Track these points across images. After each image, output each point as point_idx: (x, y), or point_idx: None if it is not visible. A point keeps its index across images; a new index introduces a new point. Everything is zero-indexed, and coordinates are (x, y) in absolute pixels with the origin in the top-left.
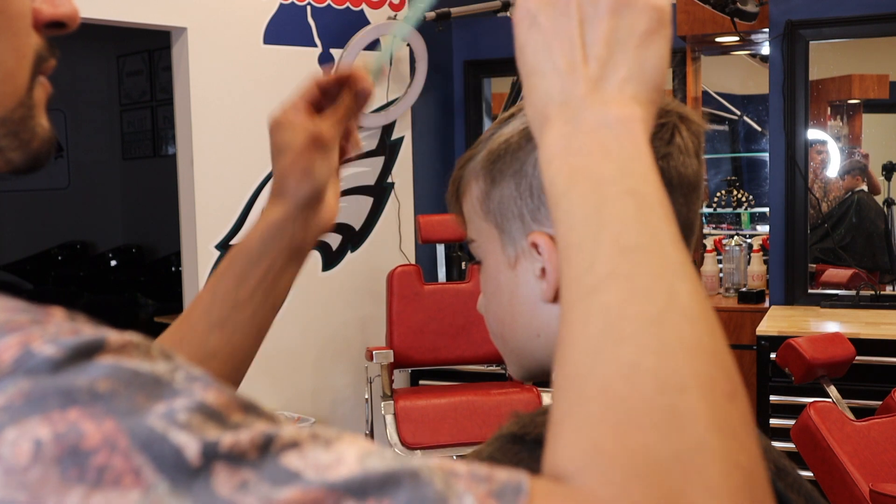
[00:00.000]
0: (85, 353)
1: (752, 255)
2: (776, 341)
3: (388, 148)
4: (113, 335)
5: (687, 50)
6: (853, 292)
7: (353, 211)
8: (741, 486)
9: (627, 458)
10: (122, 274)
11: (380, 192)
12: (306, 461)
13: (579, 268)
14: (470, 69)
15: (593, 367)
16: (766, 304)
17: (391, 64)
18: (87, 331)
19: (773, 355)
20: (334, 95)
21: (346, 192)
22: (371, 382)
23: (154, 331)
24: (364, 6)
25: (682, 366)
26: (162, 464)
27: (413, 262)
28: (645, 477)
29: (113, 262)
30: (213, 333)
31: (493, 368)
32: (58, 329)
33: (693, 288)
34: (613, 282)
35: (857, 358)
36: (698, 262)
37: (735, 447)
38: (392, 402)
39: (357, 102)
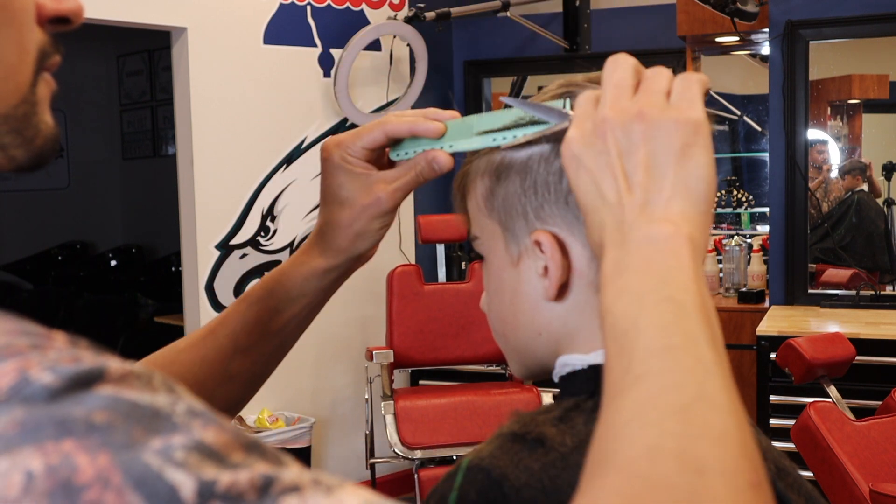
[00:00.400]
0: (84, 382)
1: (752, 255)
2: (776, 341)
3: None
4: (114, 364)
5: (687, 50)
6: (853, 292)
7: None
8: None
9: None
10: (122, 274)
11: None
12: None
13: (618, 373)
14: (470, 69)
15: (618, 449)
16: (766, 304)
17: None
18: (88, 358)
19: (773, 355)
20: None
21: None
22: (371, 382)
23: (154, 331)
24: (364, 6)
25: (705, 451)
26: (156, 502)
27: (413, 262)
28: None
29: (113, 262)
30: (236, 358)
31: (493, 368)
32: (58, 356)
33: (724, 384)
34: (646, 379)
35: (857, 358)
36: None
37: None
38: (392, 402)
39: (430, 172)
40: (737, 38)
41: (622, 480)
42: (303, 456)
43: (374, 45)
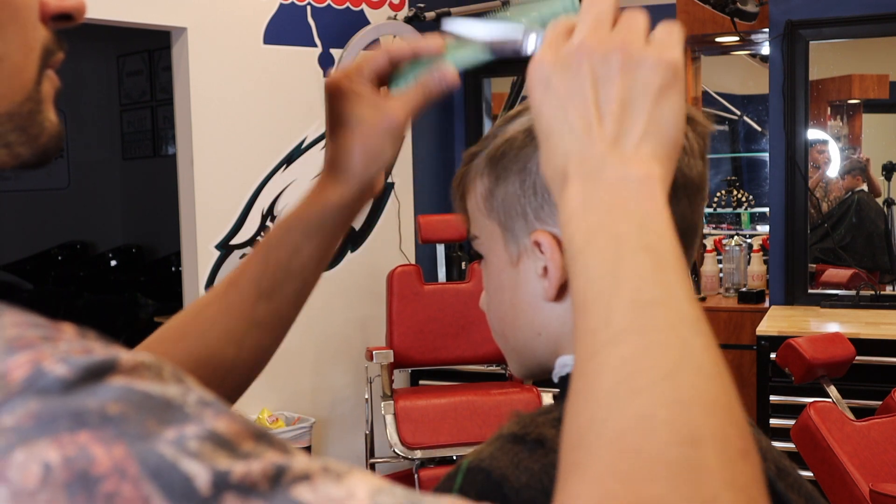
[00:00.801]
0: (97, 373)
1: (752, 255)
2: (776, 341)
3: None
4: (125, 355)
5: (687, 50)
6: (853, 292)
7: None
8: None
9: None
10: (122, 274)
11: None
12: (317, 494)
13: (596, 321)
14: (470, 69)
15: (606, 419)
16: (766, 304)
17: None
18: (99, 350)
19: (773, 355)
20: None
21: None
22: (371, 382)
23: (154, 331)
24: (364, 6)
25: (698, 420)
26: (172, 493)
27: (413, 262)
28: None
29: (113, 262)
30: (261, 303)
31: (493, 368)
32: (69, 347)
33: (707, 342)
34: (629, 336)
35: (857, 358)
36: (698, 262)
37: (746, 502)
38: (392, 402)
39: (439, 88)
40: (737, 38)
41: (614, 456)
42: None
43: (374, 46)
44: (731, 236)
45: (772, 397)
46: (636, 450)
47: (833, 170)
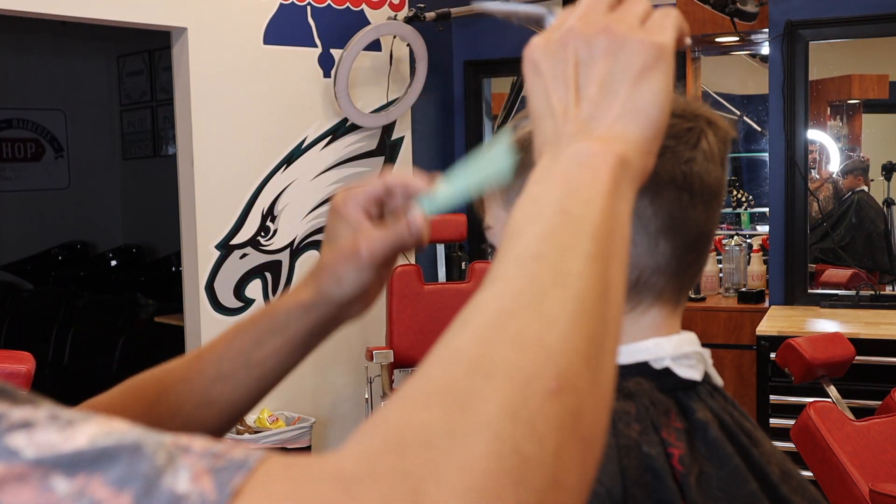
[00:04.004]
0: None
1: (751, 255)
2: (776, 341)
3: (388, 148)
4: None
5: (687, 50)
6: (853, 292)
7: None
8: (511, 471)
9: (398, 431)
10: (122, 274)
11: None
12: (32, 440)
13: (486, 277)
14: (470, 69)
15: (432, 355)
16: (766, 304)
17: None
18: None
19: (772, 355)
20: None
21: None
22: (371, 382)
23: (154, 331)
24: (364, 6)
25: (503, 356)
26: None
27: (413, 262)
28: (403, 449)
29: (113, 262)
30: (216, 384)
31: None
32: None
33: (573, 296)
34: (493, 283)
35: (857, 358)
36: None
37: (525, 435)
38: None
39: (409, 234)
40: (737, 39)
41: (415, 388)
42: None
43: (374, 45)
44: (731, 236)
45: (772, 397)
46: (431, 379)
47: (833, 170)
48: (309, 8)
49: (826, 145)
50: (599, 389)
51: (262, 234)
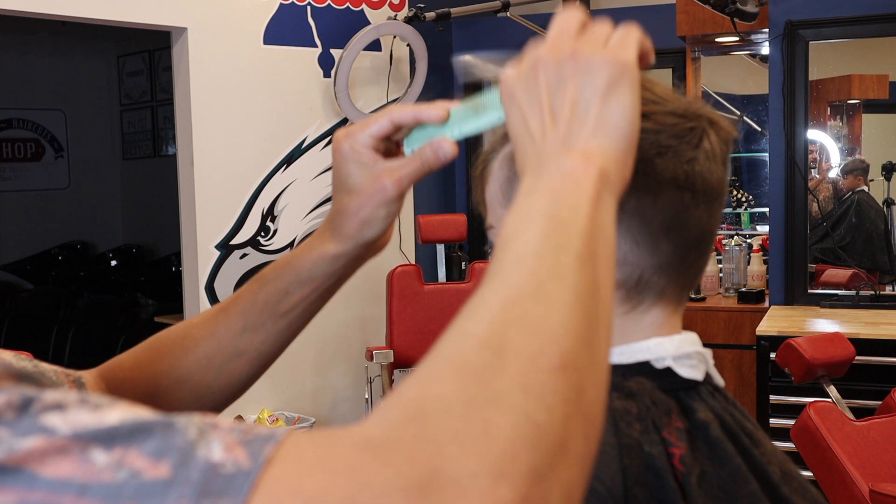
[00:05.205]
0: None
1: (751, 255)
2: (776, 341)
3: None
4: None
5: (687, 50)
6: (853, 292)
7: None
8: (526, 437)
9: (417, 403)
10: (122, 274)
11: None
12: (66, 419)
13: (485, 278)
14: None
15: (443, 338)
16: (766, 304)
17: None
18: None
19: (772, 355)
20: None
21: None
22: (371, 382)
23: (154, 331)
24: (364, 6)
25: (511, 336)
26: None
27: (413, 262)
28: (424, 418)
29: (113, 262)
30: (245, 334)
31: None
32: None
33: (569, 287)
34: (494, 280)
35: (857, 358)
36: None
37: (536, 406)
38: None
39: (435, 160)
40: (737, 39)
41: (428, 366)
42: None
43: (375, 45)
44: (731, 236)
45: (772, 397)
46: (444, 357)
47: (833, 169)
48: (309, 8)
49: (826, 145)
50: (597, 369)
51: (262, 234)
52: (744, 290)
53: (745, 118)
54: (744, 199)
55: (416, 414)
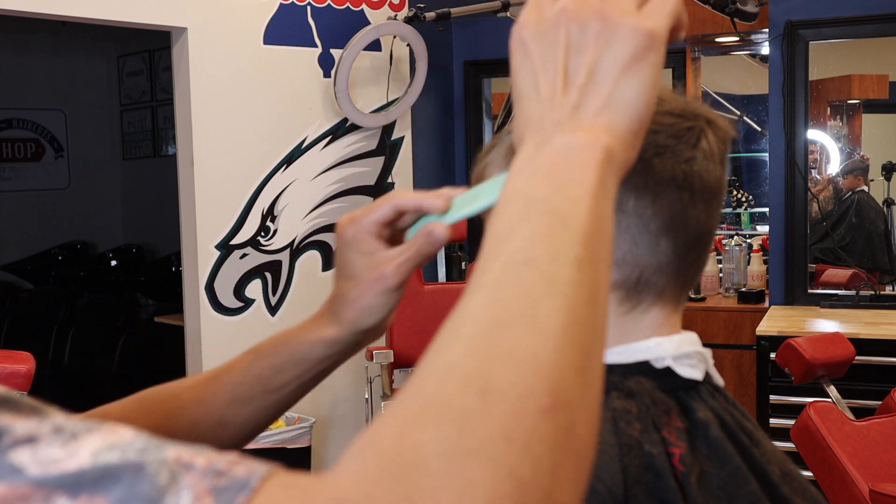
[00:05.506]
0: None
1: (751, 255)
2: (776, 341)
3: (388, 148)
4: None
5: (687, 50)
6: (853, 292)
7: None
8: (507, 493)
9: (394, 454)
10: (122, 274)
11: (380, 192)
12: (36, 456)
13: (474, 278)
14: (470, 69)
15: (426, 364)
16: (766, 304)
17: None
18: None
19: (772, 355)
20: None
21: (346, 193)
22: (371, 382)
23: (154, 331)
24: (364, 6)
25: (499, 372)
26: None
27: None
28: (399, 473)
29: (113, 262)
30: (232, 405)
31: None
32: None
33: (568, 306)
34: (484, 290)
35: (857, 358)
36: None
37: (521, 457)
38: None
39: (429, 247)
40: (737, 39)
41: (408, 401)
42: (303, 456)
43: (374, 45)
44: (731, 236)
45: (772, 397)
46: (425, 397)
47: (833, 170)
48: (309, 8)
49: (826, 145)
50: (590, 401)
51: (262, 234)
52: (744, 290)
53: (745, 118)
54: (744, 199)
55: (391, 467)
